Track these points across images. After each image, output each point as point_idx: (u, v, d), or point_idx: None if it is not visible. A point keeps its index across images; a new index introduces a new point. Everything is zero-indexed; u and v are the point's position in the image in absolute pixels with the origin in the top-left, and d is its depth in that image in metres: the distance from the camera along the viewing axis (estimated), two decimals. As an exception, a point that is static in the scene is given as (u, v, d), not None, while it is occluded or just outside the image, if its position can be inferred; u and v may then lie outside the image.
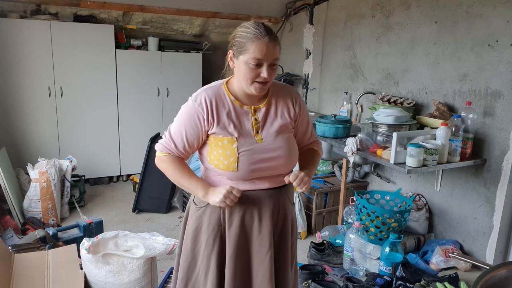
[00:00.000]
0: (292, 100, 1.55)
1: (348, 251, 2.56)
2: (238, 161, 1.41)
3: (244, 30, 1.37)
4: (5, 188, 3.17)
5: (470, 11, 2.62)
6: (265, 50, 1.35)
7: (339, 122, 2.94)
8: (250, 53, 1.35)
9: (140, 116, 4.39)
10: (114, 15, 4.18)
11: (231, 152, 1.42)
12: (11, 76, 3.76)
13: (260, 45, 1.34)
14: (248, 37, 1.35)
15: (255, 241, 1.48)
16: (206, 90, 1.47)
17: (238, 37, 1.38)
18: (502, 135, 2.49)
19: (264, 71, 1.37)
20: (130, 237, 2.35)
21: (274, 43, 1.37)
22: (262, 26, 1.36)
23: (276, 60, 1.41)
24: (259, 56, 1.35)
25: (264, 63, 1.37)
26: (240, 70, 1.40)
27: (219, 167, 1.44)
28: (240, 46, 1.37)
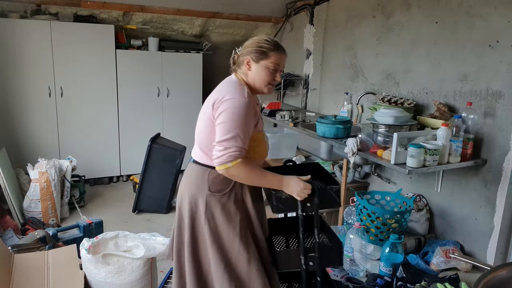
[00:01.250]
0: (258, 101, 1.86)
1: (348, 251, 2.56)
2: (267, 150, 1.74)
3: (265, 41, 1.67)
4: (5, 188, 3.17)
5: (470, 11, 2.61)
6: (282, 60, 1.68)
7: (339, 123, 2.93)
8: (272, 59, 1.64)
9: (140, 116, 4.39)
10: (114, 15, 4.17)
11: (263, 144, 1.71)
12: (11, 76, 3.76)
13: (279, 54, 1.66)
14: (270, 47, 1.65)
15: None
16: (247, 90, 1.63)
17: (260, 47, 1.65)
18: (502, 136, 2.48)
19: (278, 75, 1.69)
20: (130, 237, 2.35)
21: (285, 55, 1.71)
22: (276, 41, 1.69)
23: (283, 68, 1.73)
24: (279, 63, 1.66)
25: (278, 69, 1.68)
26: (258, 73, 1.67)
27: (254, 156, 1.65)
28: (262, 53, 1.64)
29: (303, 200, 1.58)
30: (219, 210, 1.63)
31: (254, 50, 1.65)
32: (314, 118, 3.48)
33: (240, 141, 1.54)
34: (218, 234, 1.64)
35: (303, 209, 1.60)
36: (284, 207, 1.64)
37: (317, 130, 3.03)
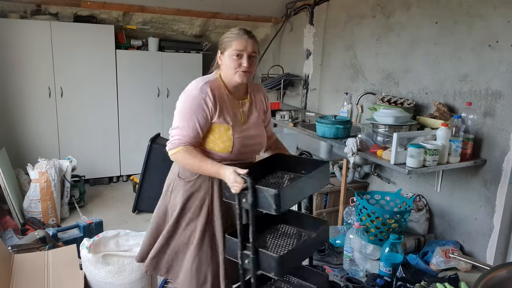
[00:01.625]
0: (263, 96, 1.93)
1: (348, 251, 2.56)
2: (233, 145, 1.71)
3: (229, 33, 1.74)
4: (5, 189, 3.17)
5: (470, 11, 2.61)
6: (244, 44, 1.69)
7: (339, 123, 2.93)
8: (232, 47, 1.69)
9: (140, 116, 4.39)
10: (114, 15, 4.18)
11: (227, 138, 1.71)
12: (11, 76, 3.76)
13: (240, 41, 1.69)
14: (232, 36, 1.71)
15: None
16: (208, 83, 1.71)
17: (224, 38, 1.74)
18: (502, 136, 2.49)
19: (245, 60, 1.69)
20: (132, 235, 2.36)
21: (252, 40, 1.73)
22: (242, 29, 1.74)
23: (254, 53, 1.73)
24: (240, 48, 1.69)
25: (244, 54, 1.69)
26: (226, 63, 1.72)
27: (215, 149, 1.72)
28: (226, 45, 1.71)
29: (239, 194, 1.54)
30: (181, 194, 1.77)
31: (220, 43, 1.75)
32: (314, 118, 3.48)
33: (184, 131, 1.67)
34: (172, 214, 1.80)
35: (239, 203, 1.56)
36: (229, 195, 1.61)
37: (317, 130, 3.03)
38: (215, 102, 1.69)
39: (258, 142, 1.85)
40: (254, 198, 1.50)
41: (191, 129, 1.67)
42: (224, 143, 1.71)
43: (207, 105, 1.67)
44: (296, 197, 1.65)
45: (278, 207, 1.46)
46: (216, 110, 1.69)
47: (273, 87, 4.30)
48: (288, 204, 1.56)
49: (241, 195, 1.54)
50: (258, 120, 1.87)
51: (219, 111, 1.70)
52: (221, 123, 1.71)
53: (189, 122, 1.66)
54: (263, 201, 1.49)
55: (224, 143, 1.71)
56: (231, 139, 1.71)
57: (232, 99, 1.77)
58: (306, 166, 1.81)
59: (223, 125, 1.71)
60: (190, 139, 1.67)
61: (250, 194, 1.50)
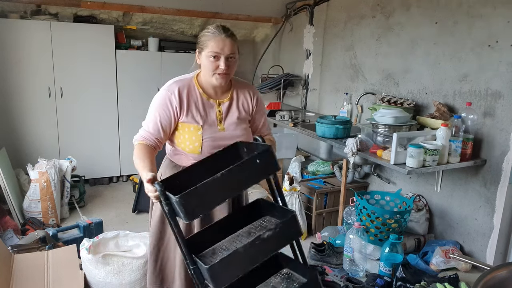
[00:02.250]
0: (250, 96, 1.81)
1: (348, 251, 2.56)
2: (202, 146, 1.67)
3: (206, 31, 1.64)
4: (5, 189, 3.17)
5: (470, 11, 2.61)
6: (221, 45, 1.59)
7: (339, 123, 2.93)
8: (209, 48, 1.61)
9: (140, 116, 4.31)
10: (114, 15, 4.17)
11: (196, 138, 1.67)
12: (11, 76, 3.76)
13: (216, 41, 1.59)
14: (208, 35, 1.62)
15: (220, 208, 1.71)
16: (178, 82, 1.69)
17: (201, 37, 1.65)
18: (502, 136, 2.49)
19: (222, 63, 1.60)
20: (131, 236, 2.36)
21: (230, 39, 1.61)
22: (220, 26, 1.63)
23: (233, 54, 1.63)
24: (216, 50, 1.59)
25: (221, 56, 1.60)
26: (203, 64, 1.66)
27: (185, 150, 1.70)
28: (202, 44, 1.64)
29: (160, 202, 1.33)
30: None
31: (197, 42, 1.68)
32: (314, 118, 3.48)
33: (146, 127, 1.69)
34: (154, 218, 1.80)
35: (163, 210, 1.35)
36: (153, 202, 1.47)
37: (317, 130, 3.04)
38: (181, 101, 1.65)
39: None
40: (169, 206, 1.30)
41: (152, 125, 1.67)
42: (193, 143, 1.68)
43: (171, 103, 1.65)
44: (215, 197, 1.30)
45: (186, 215, 1.26)
46: (182, 109, 1.66)
47: (273, 87, 4.30)
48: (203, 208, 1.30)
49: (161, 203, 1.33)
50: (239, 120, 1.76)
51: (187, 110, 1.66)
52: (190, 122, 1.68)
53: (151, 118, 1.67)
54: (176, 208, 1.29)
55: (193, 144, 1.68)
56: (200, 139, 1.67)
57: (207, 98, 1.72)
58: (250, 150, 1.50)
59: (192, 125, 1.68)
60: (149, 134, 1.67)
61: (164, 203, 1.30)
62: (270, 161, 1.37)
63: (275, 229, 1.34)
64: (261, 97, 1.91)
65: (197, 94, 1.70)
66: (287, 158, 3.96)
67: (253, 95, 1.83)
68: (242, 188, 1.44)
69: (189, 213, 1.27)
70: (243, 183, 1.37)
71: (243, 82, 1.87)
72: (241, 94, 1.80)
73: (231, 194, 1.45)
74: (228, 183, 1.31)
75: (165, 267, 1.81)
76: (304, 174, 3.77)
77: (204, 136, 1.67)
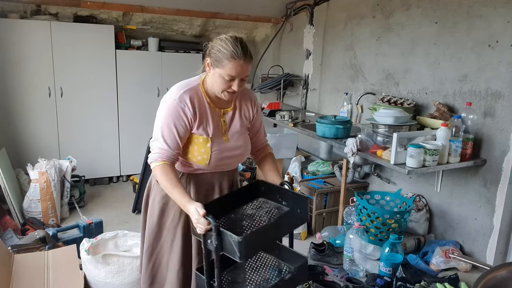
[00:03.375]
0: (251, 103, 1.77)
1: (348, 251, 2.56)
2: (210, 158, 1.62)
3: (224, 45, 1.51)
4: (5, 189, 3.17)
5: (470, 11, 2.61)
6: (239, 70, 1.51)
7: (339, 123, 2.93)
8: (225, 69, 1.50)
9: (140, 116, 4.39)
10: (114, 15, 4.18)
11: (205, 150, 1.62)
12: (11, 76, 3.76)
13: (235, 65, 1.49)
14: (226, 54, 1.49)
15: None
16: (187, 91, 1.59)
17: (217, 51, 1.52)
18: (502, 136, 2.49)
19: (235, 85, 1.54)
20: (130, 236, 2.36)
21: (248, 64, 1.53)
22: (239, 45, 1.50)
23: (247, 76, 1.57)
24: (233, 74, 1.51)
25: (236, 79, 1.53)
26: (214, 79, 1.56)
27: (192, 160, 1.64)
28: (218, 60, 1.52)
29: (205, 234, 1.40)
30: (159, 199, 1.73)
31: (213, 53, 1.54)
32: (314, 118, 3.48)
33: (163, 143, 1.56)
34: (151, 219, 1.76)
35: (204, 243, 1.42)
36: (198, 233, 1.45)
37: (317, 130, 3.04)
38: (195, 112, 1.58)
39: (239, 153, 1.73)
40: (219, 241, 1.36)
41: (171, 141, 1.56)
42: (201, 155, 1.62)
43: (186, 115, 1.57)
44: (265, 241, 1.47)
45: (242, 255, 1.33)
46: (195, 120, 1.59)
47: (273, 87, 4.30)
48: (255, 250, 1.43)
49: (206, 236, 1.40)
50: (241, 129, 1.73)
51: (199, 121, 1.60)
52: (201, 134, 1.61)
53: (168, 133, 1.56)
54: (228, 245, 1.35)
55: (202, 155, 1.62)
56: (209, 152, 1.62)
57: (213, 108, 1.65)
58: (286, 198, 1.67)
59: (202, 137, 1.61)
60: (170, 152, 1.57)
61: (214, 238, 1.36)
62: (305, 210, 1.57)
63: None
64: (259, 104, 1.87)
65: (205, 104, 1.63)
66: (287, 158, 3.96)
67: (254, 102, 1.79)
68: (285, 232, 1.61)
69: (245, 253, 1.34)
70: (287, 228, 1.57)
71: (244, 89, 1.80)
72: (243, 103, 1.75)
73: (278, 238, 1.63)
74: (278, 229, 1.49)
75: (157, 269, 1.80)
76: (304, 174, 3.77)
77: (213, 149, 1.62)
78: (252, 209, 1.65)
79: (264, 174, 1.84)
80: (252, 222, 1.56)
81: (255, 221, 1.57)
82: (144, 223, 1.84)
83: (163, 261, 1.78)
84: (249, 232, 1.44)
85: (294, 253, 1.65)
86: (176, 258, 1.72)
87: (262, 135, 1.88)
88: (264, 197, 1.73)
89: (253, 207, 1.67)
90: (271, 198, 1.71)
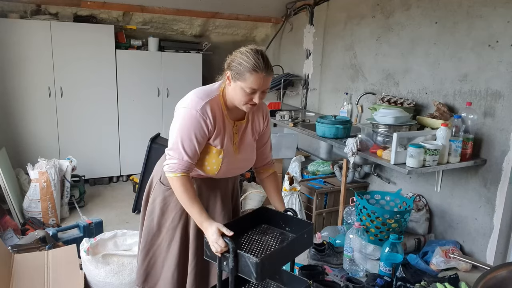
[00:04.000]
0: (263, 116, 1.77)
1: (348, 251, 2.56)
2: (220, 169, 1.63)
3: (245, 58, 1.49)
4: (5, 188, 3.17)
5: (470, 11, 2.61)
6: (261, 83, 1.50)
7: (339, 123, 2.93)
8: (247, 82, 1.49)
9: (140, 116, 4.39)
10: (114, 15, 4.18)
11: (216, 161, 1.62)
12: (11, 76, 3.76)
13: (257, 78, 1.49)
14: (248, 68, 1.48)
15: (218, 217, 1.74)
16: (208, 102, 1.56)
17: (238, 64, 1.50)
18: (502, 136, 2.49)
19: (257, 97, 1.53)
20: (129, 235, 2.36)
21: (269, 76, 1.53)
22: (261, 58, 1.49)
23: (267, 88, 1.56)
24: (255, 87, 1.50)
25: (256, 92, 1.52)
26: (235, 92, 1.54)
27: (202, 169, 1.64)
28: (239, 73, 1.50)
29: (220, 256, 1.43)
30: (160, 199, 1.74)
31: (233, 66, 1.52)
32: (314, 118, 3.48)
33: (183, 153, 1.54)
34: (151, 218, 1.77)
35: (219, 265, 1.45)
36: (211, 255, 1.49)
37: (317, 130, 3.04)
38: (215, 124, 1.57)
39: (246, 165, 1.76)
40: (235, 263, 1.39)
41: (191, 152, 1.55)
42: (212, 165, 1.62)
43: (208, 127, 1.56)
44: (278, 263, 1.53)
45: (258, 276, 1.37)
46: (214, 131, 1.59)
47: (273, 87, 4.30)
48: (269, 272, 1.48)
49: (222, 257, 1.43)
50: (251, 141, 1.74)
51: (216, 133, 1.59)
52: (215, 145, 1.61)
53: (189, 144, 1.54)
54: (244, 267, 1.39)
55: (212, 166, 1.62)
56: (220, 163, 1.62)
57: (229, 120, 1.64)
58: (290, 224, 1.74)
59: (216, 148, 1.61)
60: (189, 163, 1.56)
61: (231, 259, 1.39)
62: (311, 236, 1.67)
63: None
64: (269, 116, 1.86)
65: (222, 116, 1.62)
66: (287, 158, 3.95)
67: (266, 115, 1.78)
68: (295, 256, 1.69)
69: (261, 274, 1.38)
70: (296, 252, 1.64)
71: None
72: (256, 116, 1.75)
73: (288, 261, 1.70)
74: (290, 252, 1.58)
75: (152, 267, 1.81)
76: (304, 174, 3.77)
77: (224, 160, 1.62)
78: (257, 235, 1.71)
79: (268, 195, 1.87)
80: (260, 246, 1.61)
81: (263, 245, 1.61)
82: (143, 221, 1.85)
83: (159, 260, 1.78)
84: (263, 255, 1.50)
85: (295, 277, 1.70)
86: (173, 259, 1.73)
87: (268, 149, 1.86)
88: (267, 224, 1.79)
89: (258, 233, 1.73)
90: (274, 225, 1.78)
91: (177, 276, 1.73)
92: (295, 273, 1.81)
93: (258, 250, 1.58)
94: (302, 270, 2.42)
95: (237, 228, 1.57)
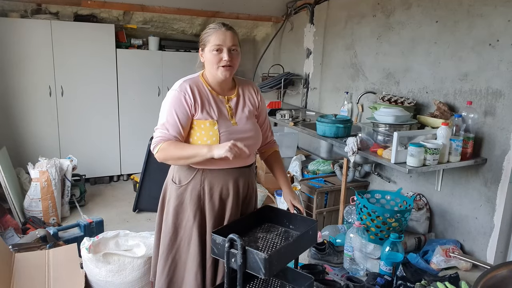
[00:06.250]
0: (254, 90, 1.88)
1: (348, 250, 2.56)
2: (220, 140, 1.66)
3: (207, 29, 1.71)
4: (6, 188, 3.17)
5: (471, 10, 2.61)
6: (222, 37, 1.65)
7: (339, 122, 2.93)
8: (211, 43, 1.66)
9: (141, 115, 4.39)
10: (114, 14, 4.18)
11: (213, 132, 1.67)
12: (11, 76, 3.76)
13: (218, 34, 1.65)
14: (209, 32, 1.68)
15: (231, 211, 1.74)
16: (187, 81, 1.71)
17: (203, 35, 1.71)
18: (503, 135, 2.49)
19: (225, 55, 1.65)
20: (131, 236, 2.36)
21: (230, 31, 1.68)
22: (220, 23, 1.70)
23: (235, 46, 1.69)
24: (218, 42, 1.65)
25: (224, 48, 1.65)
26: (207, 60, 1.70)
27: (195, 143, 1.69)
28: (204, 41, 1.69)
29: (228, 253, 1.46)
30: (173, 199, 1.75)
31: (200, 41, 1.72)
32: (314, 117, 3.48)
33: (165, 129, 1.66)
34: (167, 220, 1.78)
35: (227, 262, 1.47)
36: (218, 252, 1.53)
37: (317, 129, 3.04)
38: (195, 98, 1.67)
39: (250, 136, 1.76)
40: (243, 259, 1.42)
41: (172, 126, 1.65)
42: (210, 138, 1.66)
43: (186, 101, 1.65)
44: (284, 259, 1.56)
45: (267, 271, 1.40)
46: (197, 106, 1.67)
47: (274, 86, 4.30)
48: (277, 267, 1.51)
49: (230, 254, 1.46)
50: (249, 114, 1.80)
51: (201, 106, 1.68)
52: (206, 118, 1.68)
53: (169, 119, 1.65)
54: (253, 263, 1.42)
55: (211, 138, 1.66)
56: (218, 134, 1.66)
57: (216, 95, 1.74)
58: (294, 222, 1.77)
59: (208, 120, 1.67)
60: (171, 136, 1.65)
61: (240, 256, 1.42)
62: (315, 233, 1.71)
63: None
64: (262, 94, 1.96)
65: (206, 91, 1.72)
66: (287, 157, 3.96)
67: (257, 90, 1.90)
68: (300, 252, 1.71)
69: (269, 270, 1.41)
70: (301, 249, 1.67)
71: (244, 79, 1.93)
72: (246, 90, 1.85)
73: (294, 257, 1.71)
74: (297, 248, 1.61)
75: (174, 272, 1.78)
76: (304, 173, 3.77)
77: (221, 130, 1.68)
78: (262, 233, 1.76)
79: (274, 174, 1.99)
80: (266, 243, 1.65)
81: (268, 242, 1.66)
82: (160, 225, 1.84)
83: (180, 263, 1.76)
84: (271, 251, 1.53)
85: (300, 274, 1.72)
86: (194, 258, 1.71)
87: (267, 128, 1.96)
88: (271, 222, 1.84)
89: (263, 231, 1.78)
90: (278, 223, 1.83)
91: (200, 276, 1.71)
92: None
93: (264, 247, 1.61)
94: (302, 269, 2.42)
95: (241, 227, 1.58)
